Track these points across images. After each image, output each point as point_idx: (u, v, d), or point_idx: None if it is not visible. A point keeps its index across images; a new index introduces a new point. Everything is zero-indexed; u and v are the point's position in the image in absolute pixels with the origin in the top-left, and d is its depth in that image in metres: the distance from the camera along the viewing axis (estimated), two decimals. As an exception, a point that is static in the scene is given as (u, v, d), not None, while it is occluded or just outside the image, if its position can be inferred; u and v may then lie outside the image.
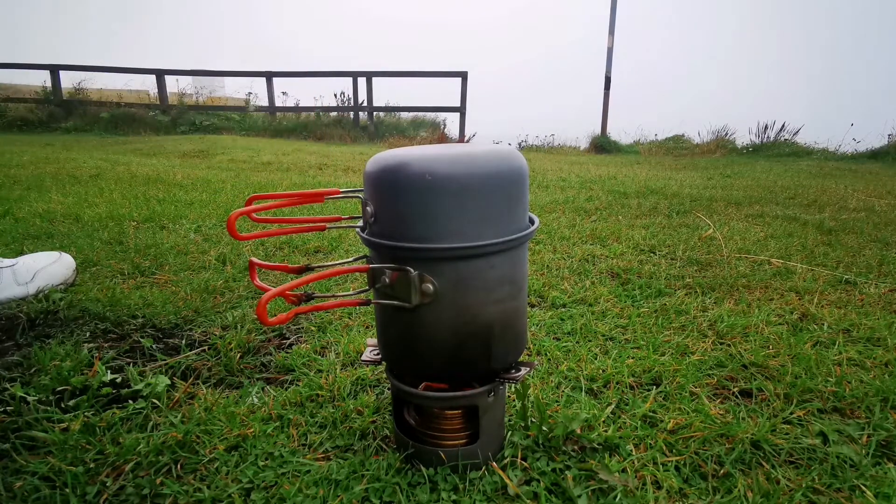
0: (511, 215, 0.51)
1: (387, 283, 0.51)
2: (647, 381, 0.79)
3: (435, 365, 0.54)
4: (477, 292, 0.51)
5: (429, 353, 0.53)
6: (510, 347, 0.55)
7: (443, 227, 0.48)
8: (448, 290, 0.50)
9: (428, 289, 0.49)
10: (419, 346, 0.54)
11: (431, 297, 0.50)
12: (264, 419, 0.68)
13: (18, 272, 1.05)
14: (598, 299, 1.12)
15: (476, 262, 0.50)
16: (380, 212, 0.51)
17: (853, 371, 0.82)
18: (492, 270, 0.51)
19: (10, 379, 0.77)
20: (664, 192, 2.62)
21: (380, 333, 0.58)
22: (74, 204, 2.00)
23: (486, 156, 0.49)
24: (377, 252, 0.53)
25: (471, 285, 0.50)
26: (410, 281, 0.49)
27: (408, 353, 0.55)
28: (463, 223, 0.48)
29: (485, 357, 0.54)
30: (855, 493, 0.56)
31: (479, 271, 0.50)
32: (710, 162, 4.89)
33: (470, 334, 0.52)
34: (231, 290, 1.13)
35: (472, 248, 0.49)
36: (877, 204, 2.39)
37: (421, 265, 0.49)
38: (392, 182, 0.49)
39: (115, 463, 0.59)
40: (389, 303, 0.52)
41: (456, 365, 0.54)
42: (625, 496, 0.55)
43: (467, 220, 0.48)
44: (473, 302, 0.51)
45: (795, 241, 1.64)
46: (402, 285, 0.50)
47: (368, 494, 0.55)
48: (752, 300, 1.13)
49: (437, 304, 0.50)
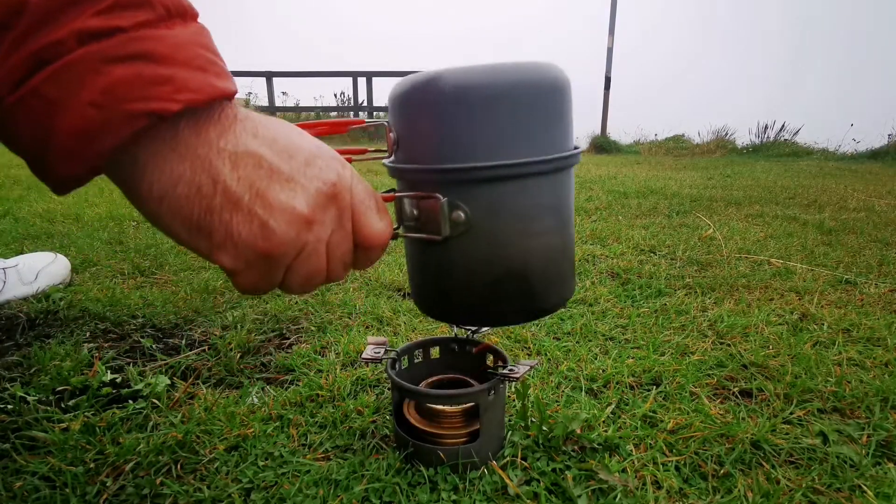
0: (551, 133, 0.45)
1: (414, 214, 0.46)
2: (647, 381, 0.79)
3: (470, 306, 0.48)
4: (514, 222, 0.45)
5: (462, 292, 0.48)
6: (554, 288, 0.49)
7: (473, 144, 0.43)
8: (482, 218, 0.44)
9: (459, 217, 0.44)
10: (451, 286, 0.48)
11: (463, 226, 0.44)
12: (264, 419, 0.68)
13: (22, 271, 1.06)
14: (598, 299, 1.12)
15: (512, 186, 0.44)
16: (405, 135, 0.46)
17: (853, 371, 0.82)
18: (531, 196, 0.45)
19: (10, 379, 0.77)
20: (664, 192, 2.62)
21: (410, 277, 0.53)
22: (74, 204, 2.00)
23: (522, 67, 0.44)
24: (403, 180, 0.48)
25: (507, 214, 0.45)
26: (439, 209, 0.44)
27: (440, 295, 0.50)
28: (495, 140, 0.43)
29: (526, 296, 0.47)
30: (855, 493, 0.56)
31: (516, 197, 0.44)
32: (710, 162, 4.89)
33: (507, 271, 0.46)
34: (231, 290, 1.13)
35: (506, 167, 0.43)
36: (877, 204, 2.39)
37: (450, 190, 0.44)
38: (419, 99, 0.44)
39: (115, 463, 0.59)
40: (417, 236, 0.47)
41: (493, 305, 0.48)
42: (625, 496, 0.55)
43: (500, 136, 0.43)
44: (511, 233, 0.45)
45: (795, 241, 1.64)
46: (430, 216, 0.45)
47: (368, 494, 0.55)
48: (752, 300, 1.13)
49: (469, 236, 0.45)
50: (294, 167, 0.34)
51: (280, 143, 0.33)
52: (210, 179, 0.31)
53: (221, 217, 0.32)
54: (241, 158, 0.32)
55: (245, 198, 0.32)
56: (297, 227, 0.34)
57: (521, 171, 0.44)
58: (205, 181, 0.31)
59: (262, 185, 0.32)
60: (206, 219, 0.32)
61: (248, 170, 0.32)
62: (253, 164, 0.32)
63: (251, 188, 0.32)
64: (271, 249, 0.33)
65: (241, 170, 0.32)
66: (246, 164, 0.32)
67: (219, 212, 0.32)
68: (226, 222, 0.32)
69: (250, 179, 0.32)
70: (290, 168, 0.33)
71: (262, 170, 0.32)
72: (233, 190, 0.32)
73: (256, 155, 0.32)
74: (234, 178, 0.31)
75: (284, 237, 0.33)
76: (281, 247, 0.34)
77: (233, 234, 0.32)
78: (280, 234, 0.33)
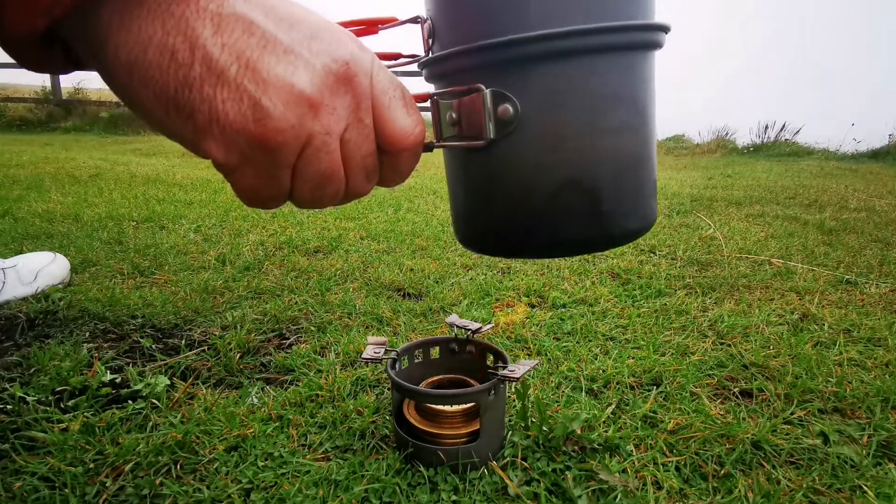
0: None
1: (453, 118, 0.35)
2: (647, 382, 0.79)
3: (520, 230, 0.37)
4: (578, 114, 0.34)
5: (510, 212, 0.37)
6: (629, 207, 0.37)
7: (524, 7, 0.32)
8: (535, 111, 0.34)
9: (507, 112, 0.34)
10: (498, 204, 0.37)
11: (512, 123, 0.34)
12: (264, 419, 0.68)
13: (21, 272, 1.06)
14: (599, 299, 1.12)
15: (574, 65, 0.33)
16: (440, 19, 0.37)
17: (854, 371, 0.82)
18: (602, 80, 0.34)
19: (10, 379, 0.77)
20: (664, 192, 2.62)
21: (451, 203, 0.43)
22: (74, 204, 2.00)
23: None
24: (438, 76, 0.38)
25: (568, 103, 0.34)
26: (482, 103, 0.34)
27: (484, 218, 0.39)
28: (543, 1, 0.32)
29: (593, 216, 0.36)
30: (856, 494, 0.56)
31: (579, 80, 0.33)
32: (710, 162, 4.89)
33: (568, 180, 0.35)
34: (231, 290, 1.13)
35: (568, 35, 0.32)
36: (877, 204, 2.39)
37: (495, 78, 0.34)
38: None
39: (115, 463, 0.59)
40: (456, 144, 0.36)
41: (549, 228, 0.36)
42: (625, 496, 0.55)
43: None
44: (573, 130, 0.34)
45: (796, 241, 1.64)
46: (471, 115, 0.35)
47: (368, 495, 0.55)
48: (753, 300, 1.13)
49: (520, 137, 0.34)
50: (295, 38, 0.27)
51: (279, 11, 0.28)
52: (187, 43, 0.26)
53: (203, 92, 0.26)
54: (228, 22, 0.26)
55: (231, 69, 0.26)
56: (298, 109, 0.27)
57: (590, 42, 0.33)
58: (180, 45, 0.26)
59: (252, 56, 0.26)
60: (185, 94, 0.26)
61: (235, 35, 0.26)
62: (242, 29, 0.26)
63: (239, 58, 0.26)
64: (267, 135, 0.27)
65: (226, 35, 0.26)
66: (233, 30, 0.26)
67: (199, 85, 0.26)
68: (209, 99, 0.26)
69: (238, 48, 0.26)
70: (290, 38, 0.27)
71: (254, 37, 0.27)
72: (215, 58, 0.26)
73: (246, 19, 0.27)
74: (217, 43, 0.26)
75: (282, 121, 0.27)
76: (279, 133, 0.27)
77: (218, 114, 0.27)
78: (277, 116, 0.27)
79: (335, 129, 0.29)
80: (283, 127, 0.27)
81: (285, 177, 0.30)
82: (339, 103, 0.29)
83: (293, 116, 0.27)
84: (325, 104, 0.28)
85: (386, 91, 0.31)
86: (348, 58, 0.29)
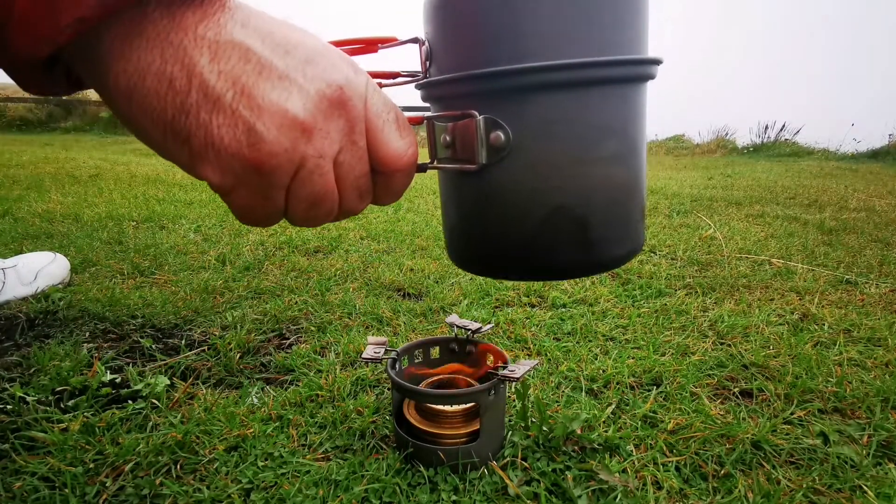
0: (624, 30, 0.34)
1: (447, 140, 0.37)
2: (647, 382, 0.79)
3: (511, 253, 0.39)
4: (570, 144, 0.35)
5: (501, 235, 0.38)
6: (617, 234, 0.38)
7: (520, 39, 0.33)
8: (528, 139, 0.35)
9: (499, 138, 0.35)
10: (489, 227, 0.39)
11: (504, 150, 0.35)
12: (264, 419, 0.68)
13: (21, 272, 1.06)
14: (599, 299, 1.12)
15: (568, 97, 0.34)
16: (438, 43, 0.38)
17: (854, 371, 0.82)
18: (595, 112, 0.35)
19: (10, 379, 0.77)
20: (664, 192, 2.62)
21: (444, 223, 0.44)
22: (74, 204, 2.00)
23: None
24: (434, 99, 0.40)
25: (561, 133, 0.35)
26: (475, 129, 0.35)
27: (476, 240, 0.40)
28: (549, 31, 0.33)
29: (582, 243, 0.38)
30: (856, 494, 0.56)
31: (573, 111, 0.34)
32: (710, 162, 4.90)
33: (558, 207, 0.36)
34: (231, 290, 1.13)
35: (562, 68, 0.33)
36: (877, 204, 2.39)
37: (489, 105, 0.35)
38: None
39: (115, 463, 0.59)
40: (449, 166, 0.37)
41: (539, 253, 0.38)
42: (625, 496, 0.55)
43: (556, 26, 0.33)
44: (565, 159, 0.35)
45: (796, 241, 1.64)
46: (464, 139, 0.36)
47: (368, 495, 0.55)
48: (753, 300, 1.13)
49: (511, 163, 0.36)
50: (290, 64, 0.28)
51: (275, 37, 0.28)
52: (184, 71, 0.26)
53: (199, 118, 0.27)
54: (224, 49, 0.27)
55: (227, 96, 0.27)
56: (291, 134, 0.28)
57: (585, 75, 0.33)
58: (178, 73, 0.26)
59: (248, 82, 0.27)
60: (182, 120, 0.27)
61: (231, 62, 0.27)
62: (238, 56, 0.27)
63: (235, 85, 0.27)
64: (261, 159, 0.28)
65: (222, 62, 0.27)
66: (229, 57, 0.27)
67: (195, 111, 0.27)
68: (204, 125, 0.27)
69: (234, 74, 0.27)
70: (284, 64, 0.28)
71: (250, 64, 0.27)
72: (211, 85, 0.27)
73: (243, 46, 0.27)
74: (214, 71, 0.27)
75: (276, 145, 0.28)
76: (272, 157, 0.28)
77: (213, 139, 0.28)
78: (270, 141, 0.28)
79: (328, 152, 0.30)
80: (277, 151, 0.28)
81: (279, 197, 0.31)
82: (332, 127, 0.30)
83: (286, 141, 0.28)
84: (319, 128, 0.29)
85: (380, 114, 0.32)
86: (342, 82, 0.29)
